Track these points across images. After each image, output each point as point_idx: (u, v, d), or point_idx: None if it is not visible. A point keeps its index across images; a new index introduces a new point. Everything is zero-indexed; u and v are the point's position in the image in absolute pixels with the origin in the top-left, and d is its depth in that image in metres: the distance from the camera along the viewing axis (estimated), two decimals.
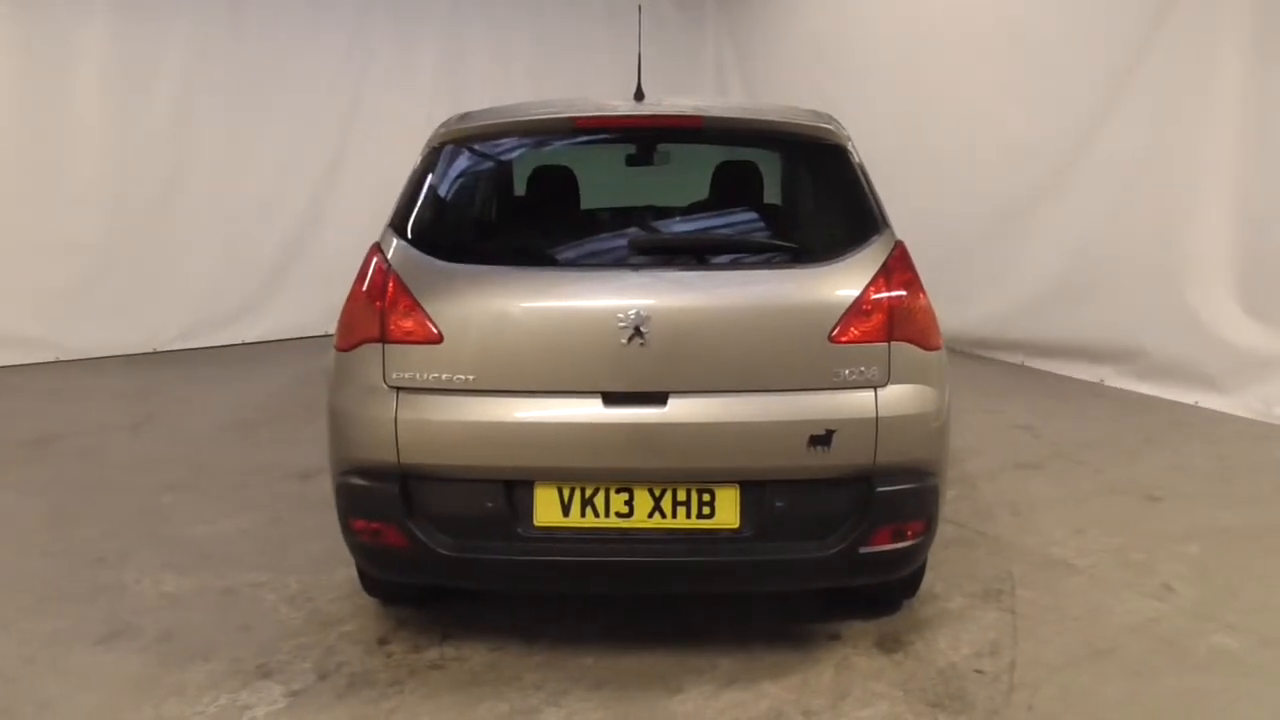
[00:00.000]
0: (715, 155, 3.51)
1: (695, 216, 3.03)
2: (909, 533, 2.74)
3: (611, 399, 2.63)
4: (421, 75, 8.37)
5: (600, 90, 8.80)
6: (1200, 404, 5.85)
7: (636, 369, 2.62)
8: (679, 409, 2.62)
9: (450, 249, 2.80)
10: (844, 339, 2.64)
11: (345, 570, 3.68)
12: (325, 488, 4.48)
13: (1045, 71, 6.52)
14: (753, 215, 3.01)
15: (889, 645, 3.15)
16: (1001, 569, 3.69)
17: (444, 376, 2.66)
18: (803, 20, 8.64)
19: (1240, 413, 5.67)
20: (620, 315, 2.60)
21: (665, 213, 3.11)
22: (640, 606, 3.39)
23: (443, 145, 3.00)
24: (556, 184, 3.29)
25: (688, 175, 3.68)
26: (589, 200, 3.51)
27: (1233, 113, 5.58)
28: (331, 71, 8.04)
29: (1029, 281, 6.79)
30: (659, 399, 2.63)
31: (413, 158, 8.85)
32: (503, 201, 3.27)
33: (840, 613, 3.32)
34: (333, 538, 3.89)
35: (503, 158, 3.15)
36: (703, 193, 3.34)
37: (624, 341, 2.60)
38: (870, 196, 2.88)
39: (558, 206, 3.19)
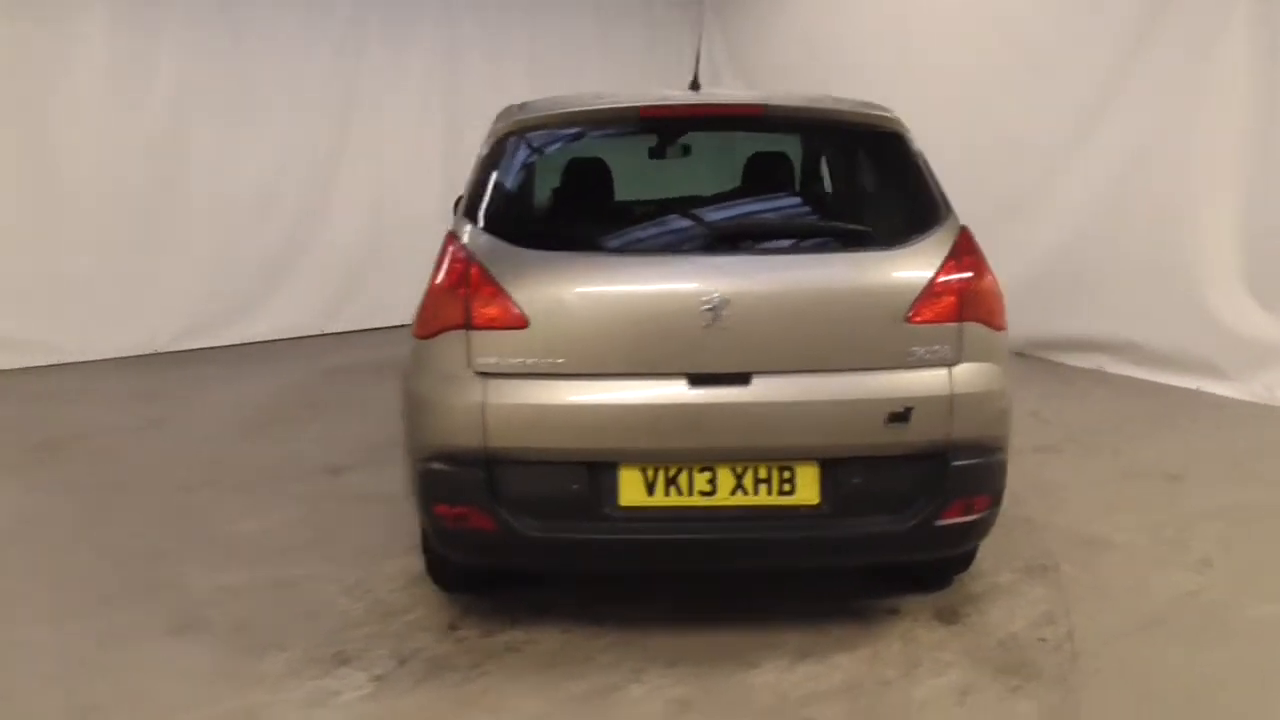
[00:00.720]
0: (740, 146, 3.60)
1: (762, 203, 3.11)
2: (979, 506, 2.84)
3: (696, 380, 2.70)
4: (416, 72, 8.37)
5: (595, 86, 8.90)
6: (1202, 389, 6.02)
7: (720, 350, 2.69)
8: (762, 389, 2.70)
9: (526, 236, 2.86)
10: (919, 319, 2.74)
11: (399, 561, 3.74)
12: (357, 483, 4.64)
13: (1043, 64, 6.67)
14: (820, 201, 3.09)
15: (948, 618, 3.25)
16: (1041, 547, 3.79)
17: (530, 361, 2.72)
18: (795, 16, 8.74)
19: (1243, 397, 5.85)
20: (704, 299, 2.67)
21: (732, 200, 3.18)
22: (701, 587, 3.46)
23: (509, 135, 3.05)
24: (624, 172, 3.35)
25: (704, 165, 3.78)
26: (624, 190, 3.58)
27: (1233, 103, 5.75)
28: (327, 68, 8.01)
29: (1029, 272, 6.93)
30: (742, 379, 2.70)
31: (410, 153, 8.72)
32: (572, 189, 3.32)
33: (894, 589, 3.41)
34: (379, 531, 4.01)
35: (569, 147, 3.20)
36: (728, 182, 3.43)
37: (707, 324, 2.67)
38: (932, 182, 2.98)
39: (626, 193, 3.26)
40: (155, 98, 7.38)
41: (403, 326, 8.45)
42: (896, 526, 2.76)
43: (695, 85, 3.38)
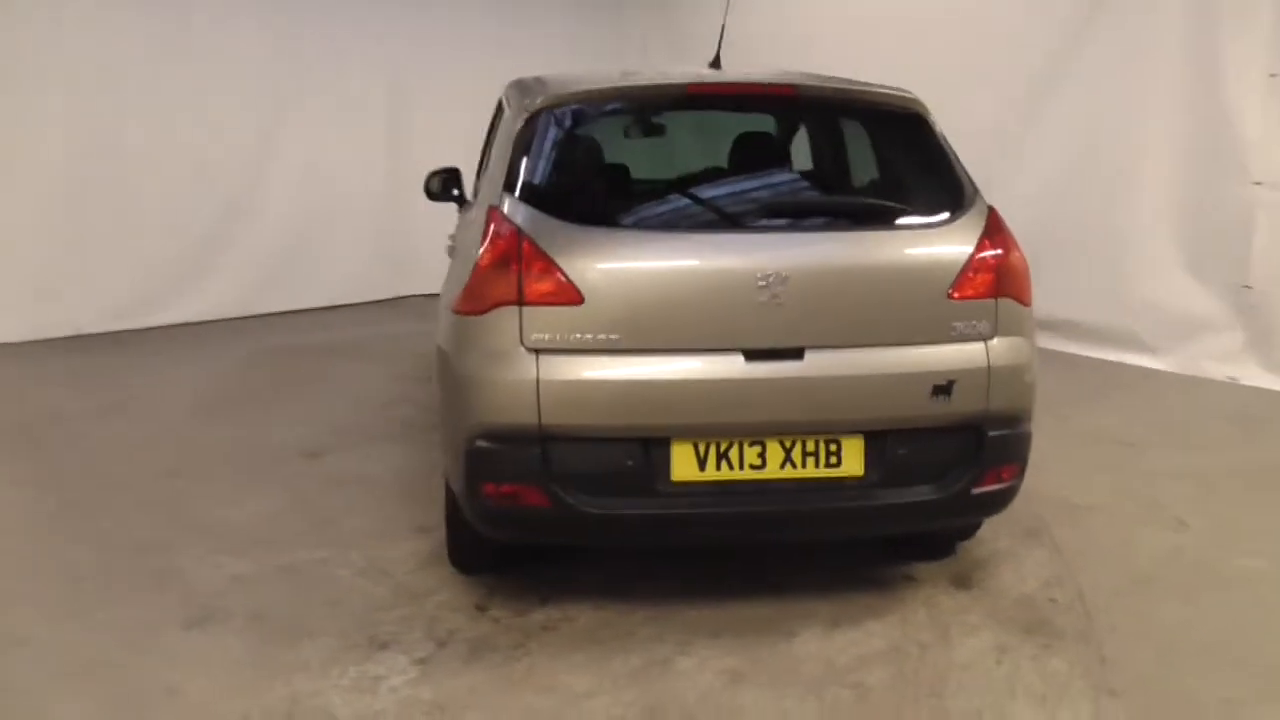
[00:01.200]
0: (723, 124, 3.65)
1: (803, 180, 3.15)
2: (1010, 475, 2.96)
3: (752, 355, 2.74)
4: (357, 47, 8.15)
5: (541, 66, 8.81)
6: (1133, 363, 6.37)
7: (775, 325, 2.74)
8: (815, 363, 2.75)
9: (574, 211, 2.84)
10: (960, 295, 2.83)
11: (405, 544, 3.69)
12: (338, 466, 4.54)
13: (988, 51, 6.89)
14: (852, 180, 3.15)
15: (963, 583, 3.38)
16: (1030, 512, 3.95)
17: (585, 337, 2.71)
18: (746, 4, 8.79)
19: (1172, 369, 6.22)
20: (760, 275, 2.71)
21: (773, 177, 3.21)
22: (718, 560, 3.51)
23: (545, 109, 3.01)
24: (663, 148, 3.35)
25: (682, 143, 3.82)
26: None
27: (1166, 87, 6.06)
28: (264, 41, 7.72)
29: None
30: (796, 354, 2.75)
31: (350, 130, 8.44)
32: (614, 165, 3.30)
33: (904, 557, 3.52)
34: (372, 514, 3.96)
35: (608, 123, 3.18)
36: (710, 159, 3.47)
37: (763, 300, 2.71)
38: (957, 162, 3.08)
39: (667, 170, 3.26)
40: (84, 72, 6.99)
41: (344, 306, 8.34)
42: (937, 495, 2.86)
43: (717, 64, 3.39)
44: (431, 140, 8.46)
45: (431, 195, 5.23)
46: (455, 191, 5.14)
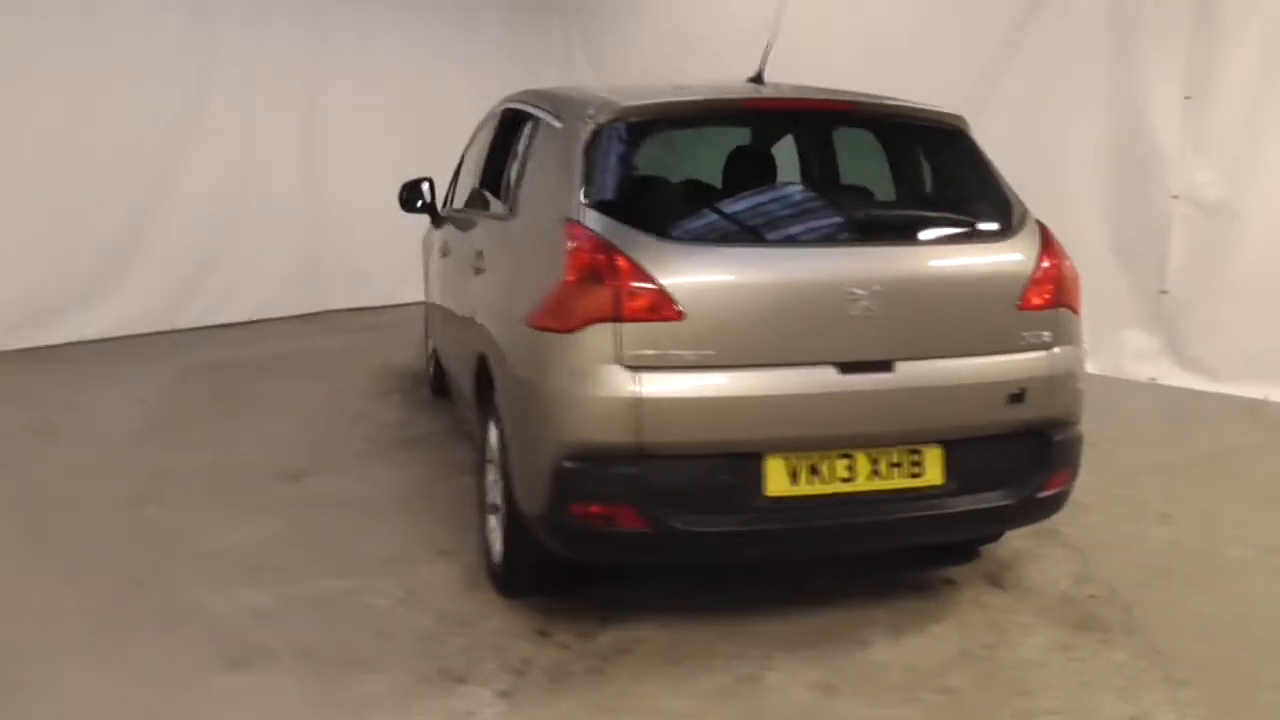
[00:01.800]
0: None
1: (870, 194, 3.17)
2: (1069, 477, 3.07)
3: (845, 368, 2.75)
4: (275, 50, 7.74)
5: (459, 73, 8.59)
6: None
7: (866, 338, 2.76)
8: (904, 374, 2.79)
9: (662, 225, 2.78)
10: (1028, 306, 2.92)
11: (430, 569, 3.55)
12: (323, 489, 4.32)
13: (912, 64, 7.14)
14: (917, 194, 3.20)
15: (998, 582, 3.48)
16: None
17: (684, 353, 2.66)
18: (660, 14, 8.85)
19: (1095, 370, 6.56)
20: (853, 288, 2.73)
21: (842, 190, 3.22)
22: (759, 574, 3.50)
23: (611, 124, 2.94)
24: (743, 162, 3.31)
25: None
26: None
27: (1097, 104, 6.43)
28: (178, 38, 7.25)
29: None
30: (886, 366, 2.78)
31: (267, 136, 8.04)
32: (691, 179, 3.24)
33: (933, 562, 3.60)
34: (380, 539, 3.83)
35: (678, 138, 3.14)
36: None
37: (856, 312, 2.72)
38: (1002, 177, 3.18)
39: (746, 184, 3.23)
40: None
41: (261, 322, 7.90)
42: (1008, 500, 2.94)
43: (759, 79, 3.39)
44: (350, 149, 8.17)
45: (407, 206, 5.08)
46: (428, 202, 5.01)
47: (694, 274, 2.68)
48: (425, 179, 5.10)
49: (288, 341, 7.27)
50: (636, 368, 2.65)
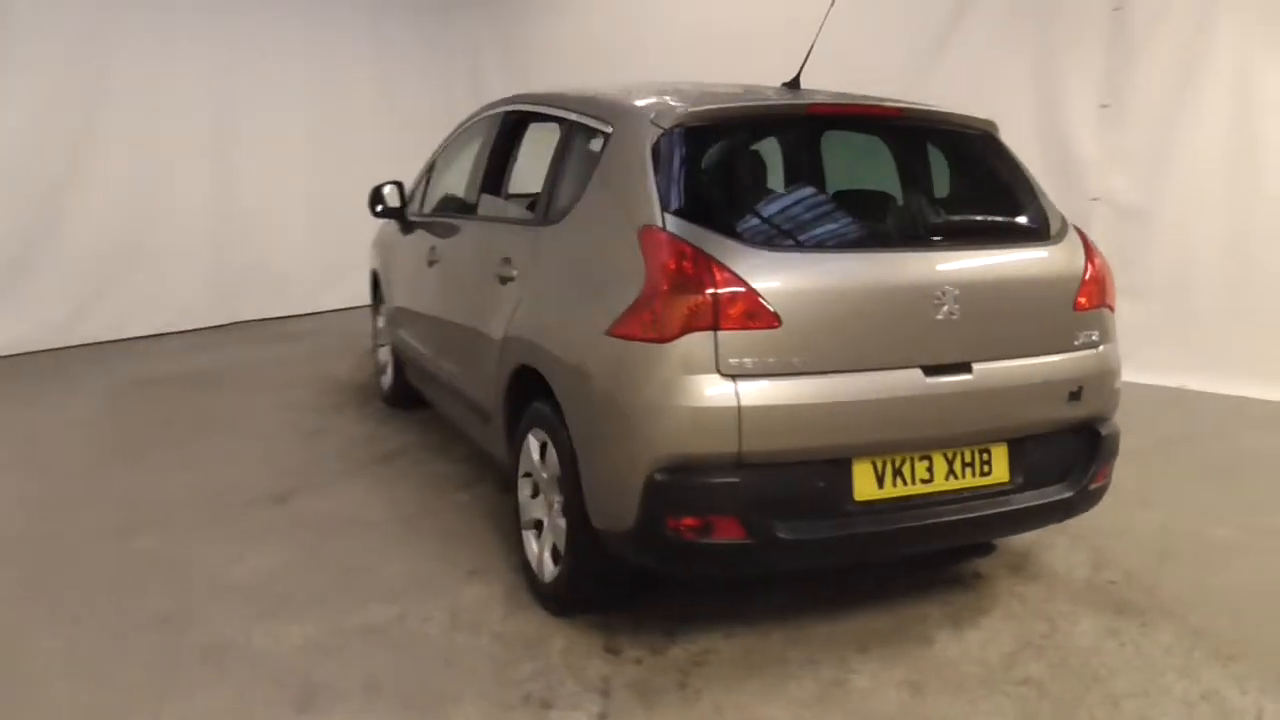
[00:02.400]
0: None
1: (934, 198, 3.21)
2: (1111, 468, 3.21)
3: (930, 370, 2.79)
4: (183, 52, 7.29)
5: (381, 76, 8.31)
6: None
7: (950, 340, 2.81)
8: (982, 375, 2.85)
9: (749, 231, 2.77)
10: (1081, 307, 3.04)
11: (470, 589, 3.45)
12: (318, 510, 4.13)
13: (837, 59, 7.30)
14: (978, 197, 3.25)
15: (1023, 573, 3.61)
16: None
17: (778, 360, 2.65)
18: (575, 19, 8.78)
19: None
20: (938, 291, 2.77)
21: (908, 195, 3.23)
22: (796, 580, 3.51)
23: (677, 128, 2.89)
24: (810, 166, 3.30)
25: None
26: None
27: (1020, 109, 6.73)
28: (76, 37, 6.72)
29: None
30: (965, 368, 2.84)
31: (174, 140, 7.59)
32: (768, 184, 3.20)
33: (957, 558, 3.71)
34: (405, 560, 3.69)
35: (745, 142, 3.10)
36: None
37: (940, 315, 2.77)
38: (1035, 181, 3.30)
39: (816, 188, 3.22)
40: None
41: (175, 334, 7.44)
42: (1065, 494, 3.06)
43: (796, 84, 3.40)
44: (262, 152, 7.78)
45: (379, 210, 4.89)
46: (398, 206, 4.84)
47: (788, 280, 2.67)
48: (394, 182, 4.92)
49: (211, 354, 6.86)
50: (734, 376, 2.62)
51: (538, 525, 3.36)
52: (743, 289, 2.62)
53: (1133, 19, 6.39)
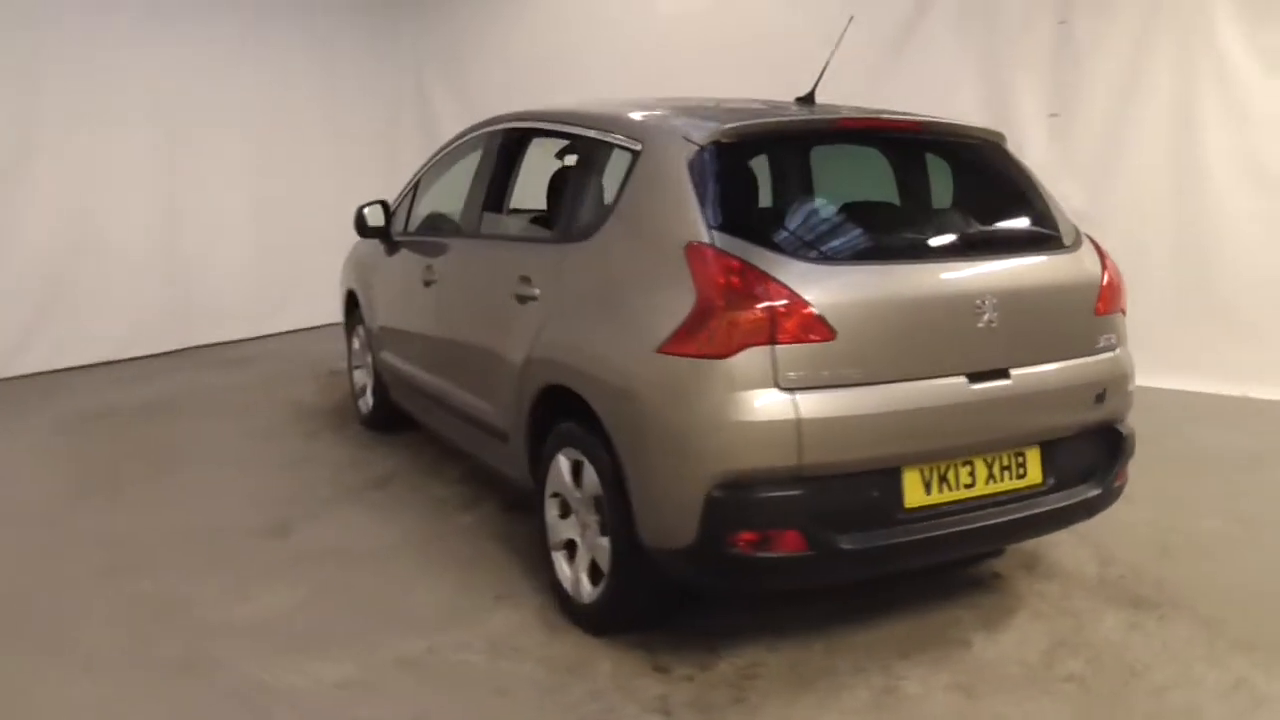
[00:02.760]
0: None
1: (963, 210, 3.28)
2: (1128, 467, 3.32)
3: (974, 378, 2.84)
4: (119, 74, 6.97)
5: (327, 94, 8.14)
6: None
7: (990, 347, 2.88)
8: (1020, 380, 2.92)
9: (798, 245, 2.79)
10: (1100, 312, 3.15)
11: (501, 615, 3.41)
12: (321, 542, 4.03)
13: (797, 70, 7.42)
14: (1008, 207, 3.31)
15: (1040, 573, 3.70)
16: None
17: (835, 372, 2.67)
18: (521, 32, 8.74)
19: None
20: (978, 300, 2.83)
21: (939, 206, 3.30)
22: (815, 591, 3.53)
23: (713, 145, 2.90)
24: (838, 180, 3.32)
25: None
26: None
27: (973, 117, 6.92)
28: (3, 64, 6.39)
29: None
30: (1004, 374, 2.90)
31: (115, 161, 7.21)
32: (804, 197, 3.21)
33: (967, 562, 3.76)
34: (421, 591, 3.63)
35: (779, 157, 3.12)
36: None
37: (981, 324, 2.84)
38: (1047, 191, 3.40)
39: (851, 201, 3.25)
40: None
41: (124, 361, 7.13)
42: (1092, 492, 3.15)
43: (811, 99, 3.45)
44: (204, 173, 7.54)
45: (365, 230, 4.80)
46: (383, 226, 4.76)
47: (840, 292, 2.70)
48: (379, 202, 4.82)
49: (160, 383, 6.58)
50: (792, 389, 2.64)
51: (568, 546, 3.32)
52: (798, 302, 2.64)
53: (1077, 32, 6.66)
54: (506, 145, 4.02)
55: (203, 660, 3.06)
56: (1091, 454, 3.19)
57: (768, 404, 2.63)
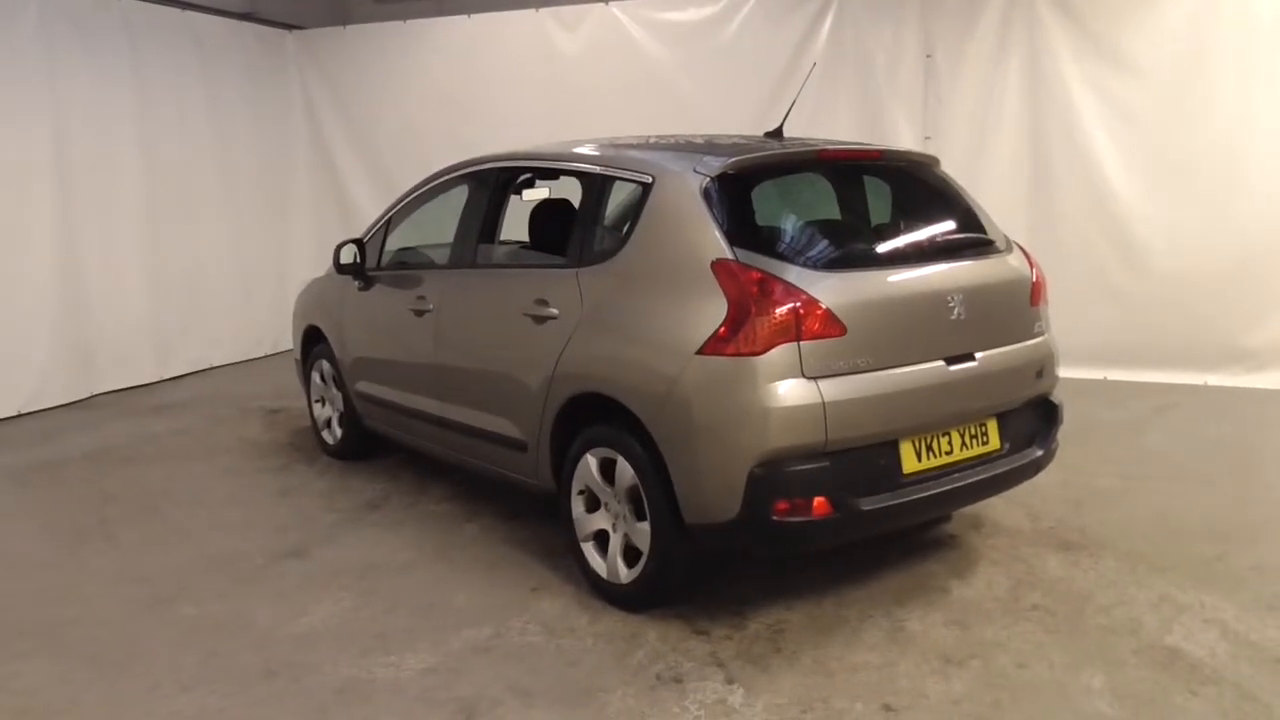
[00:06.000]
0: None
1: (926, 222, 3.89)
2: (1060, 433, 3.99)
3: (950, 361, 3.44)
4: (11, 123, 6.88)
5: (202, 118, 8.17)
6: None
7: (960, 335, 3.49)
8: (983, 362, 3.54)
9: (809, 257, 3.34)
10: (1034, 304, 3.82)
11: (542, 604, 3.78)
12: (343, 558, 4.33)
13: (691, 109, 8.03)
14: (954, 218, 3.89)
15: (986, 530, 4.34)
16: None
17: (848, 362, 3.21)
18: (399, 54, 9.03)
19: None
20: (949, 297, 3.44)
21: (908, 219, 3.89)
22: (816, 556, 4.06)
23: (722, 176, 3.42)
24: (827, 201, 3.84)
25: None
26: None
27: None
28: None
29: None
30: (970, 357, 3.51)
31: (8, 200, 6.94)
32: (803, 217, 3.71)
33: (923, 528, 4.37)
34: (464, 589, 3.95)
35: (775, 183, 3.63)
36: None
37: (953, 316, 3.44)
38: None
39: (841, 217, 3.81)
40: None
41: (37, 413, 6.97)
42: (1037, 454, 3.79)
43: (779, 133, 4.01)
44: (98, 220, 7.48)
45: (343, 268, 5.07)
46: (359, 262, 5.06)
47: (847, 294, 3.25)
48: (354, 240, 5.10)
49: (97, 432, 6.52)
50: (815, 378, 3.16)
51: (597, 536, 3.73)
52: (814, 304, 3.17)
53: (941, 64, 7.54)
54: (498, 182, 4.41)
55: (286, 667, 3.31)
56: (1034, 422, 3.84)
57: (798, 391, 3.14)
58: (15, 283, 6.91)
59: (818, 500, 3.18)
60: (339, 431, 5.59)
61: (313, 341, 5.73)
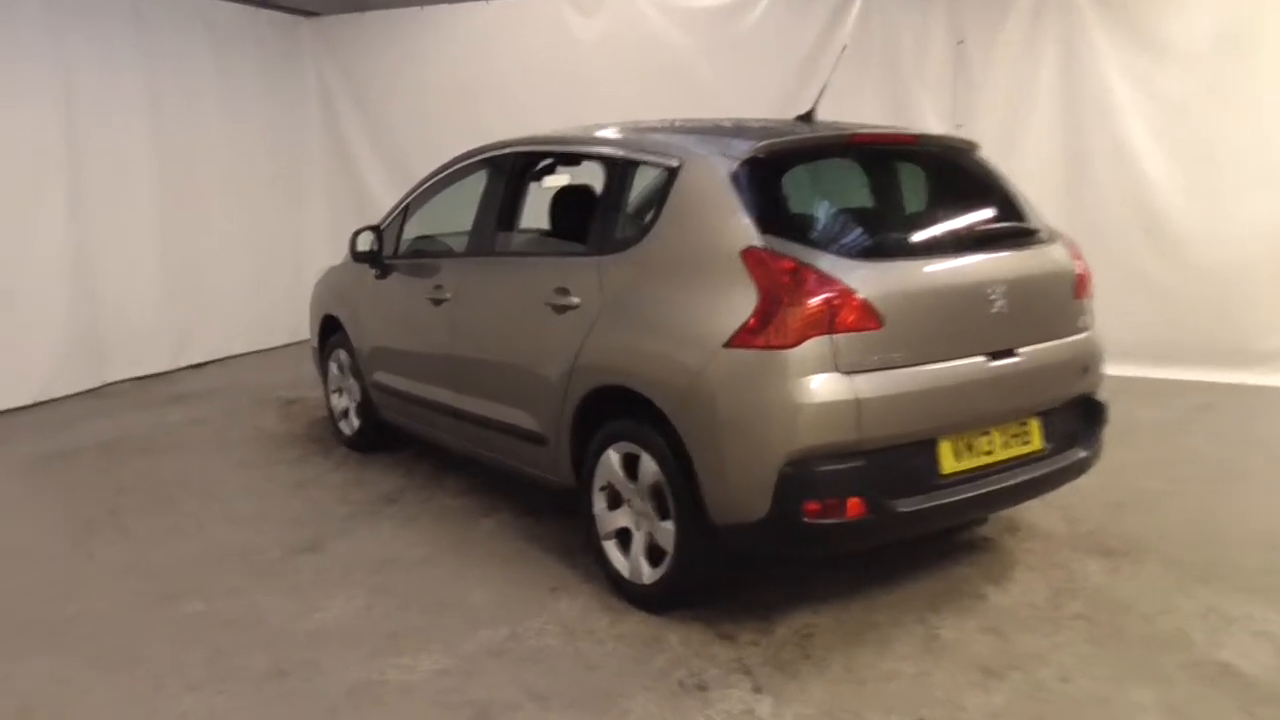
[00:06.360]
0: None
1: (951, 209, 3.70)
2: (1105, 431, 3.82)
3: (992, 356, 3.27)
4: (20, 107, 6.76)
5: (214, 103, 8.08)
6: None
7: (1002, 329, 3.32)
8: (1026, 358, 3.37)
9: (844, 245, 3.17)
10: (1078, 296, 3.64)
11: (560, 605, 3.65)
12: (354, 555, 4.19)
13: (716, 92, 7.85)
14: (996, 206, 3.70)
15: (1022, 535, 4.17)
16: None
17: (884, 356, 3.05)
18: (412, 40, 8.91)
19: None
20: (990, 289, 3.27)
21: (945, 207, 3.72)
22: (844, 559, 3.91)
23: (751, 160, 3.26)
24: (860, 187, 3.68)
25: None
26: None
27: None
28: None
29: None
30: (1011, 353, 3.34)
31: (20, 189, 6.92)
32: (835, 203, 3.55)
33: (956, 530, 4.21)
34: (481, 588, 3.80)
35: (807, 168, 3.47)
36: None
37: (994, 310, 3.27)
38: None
39: (876, 204, 3.64)
40: None
41: (50, 402, 6.91)
42: (1081, 454, 3.62)
43: (810, 117, 3.85)
44: (114, 202, 7.40)
45: (359, 256, 4.95)
46: (377, 250, 4.94)
47: (882, 285, 3.09)
48: (371, 228, 4.98)
49: (108, 421, 6.43)
50: (850, 373, 3.00)
51: (620, 535, 3.59)
52: (849, 294, 3.01)
53: (971, 51, 7.33)
54: (518, 168, 4.27)
55: (297, 666, 3.20)
56: (1078, 421, 3.67)
57: (831, 387, 2.98)
58: (29, 271, 6.84)
59: (851, 501, 3.03)
60: (356, 422, 5.48)
61: (330, 331, 5.62)
